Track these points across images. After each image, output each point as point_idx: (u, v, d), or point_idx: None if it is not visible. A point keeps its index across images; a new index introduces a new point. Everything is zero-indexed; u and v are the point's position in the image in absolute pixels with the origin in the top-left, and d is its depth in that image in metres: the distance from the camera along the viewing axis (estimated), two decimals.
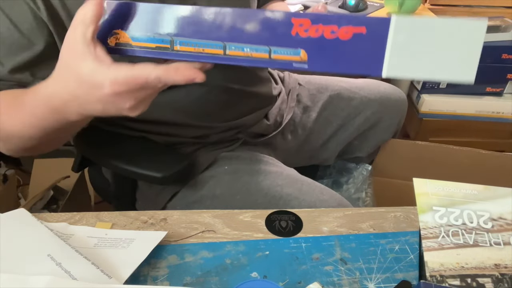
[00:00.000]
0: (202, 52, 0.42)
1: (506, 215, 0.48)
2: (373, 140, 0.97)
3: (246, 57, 0.41)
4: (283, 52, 0.41)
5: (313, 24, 0.39)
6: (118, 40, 0.44)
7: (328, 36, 0.39)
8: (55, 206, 1.13)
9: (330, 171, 1.03)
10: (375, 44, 0.39)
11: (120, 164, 0.66)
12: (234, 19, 0.41)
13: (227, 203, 0.66)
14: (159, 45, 0.43)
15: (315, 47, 0.40)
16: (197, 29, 0.42)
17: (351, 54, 0.39)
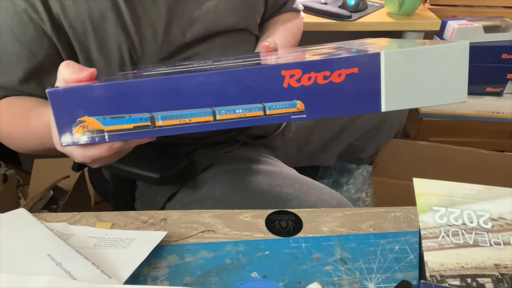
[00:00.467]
0: (189, 122, 0.40)
1: (506, 215, 0.48)
2: (374, 142, 0.97)
3: (239, 119, 0.39)
4: (279, 106, 0.39)
5: (304, 73, 0.38)
6: (86, 128, 0.40)
7: (321, 82, 0.38)
8: (55, 206, 1.13)
9: (330, 172, 1.03)
10: (369, 81, 0.38)
11: (118, 165, 0.66)
12: (219, 82, 0.39)
13: (226, 203, 0.66)
14: (137, 124, 0.40)
15: (310, 95, 0.39)
16: (178, 99, 0.39)
17: (347, 95, 0.39)
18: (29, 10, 0.53)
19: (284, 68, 0.38)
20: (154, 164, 0.65)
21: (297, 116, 0.39)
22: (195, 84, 0.39)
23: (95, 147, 0.41)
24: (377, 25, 1.27)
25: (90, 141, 0.40)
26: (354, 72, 0.38)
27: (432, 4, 1.41)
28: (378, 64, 0.38)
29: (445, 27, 1.34)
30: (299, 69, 0.38)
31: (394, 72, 0.38)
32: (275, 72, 0.38)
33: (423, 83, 0.38)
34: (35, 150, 0.59)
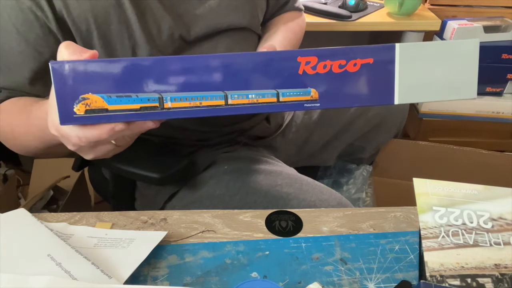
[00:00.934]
0: (199, 106, 0.38)
1: (506, 215, 0.48)
2: (374, 142, 0.97)
3: (251, 105, 0.39)
4: (293, 93, 0.39)
5: (320, 61, 0.38)
6: (89, 106, 0.37)
7: (336, 71, 0.38)
8: (55, 206, 1.13)
9: (330, 172, 1.03)
10: (383, 72, 0.39)
11: (118, 164, 0.66)
12: (233, 64, 0.38)
13: (226, 203, 0.66)
14: (145, 105, 0.38)
15: (325, 84, 0.39)
16: (189, 81, 0.38)
17: (361, 85, 0.39)
18: (34, 8, 0.53)
19: (300, 55, 0.38)
20: (154, 164, 0.65)
21: (311, 104, 0.39)
22: (208, 65, 0.38)
23: (95, 127, 0.39)
24: (377, 25, 1.27)
25: (92, 121, 0.38)
26: (369, 63, 0.38)
27: (432, 4, 1.41)
28: (393, 55, 0.38)
29: (445, 27, 1.34)
30: (315, 56, 0.38)
31: (408, 65, 0.39)
32: (291, 58, 0.38)
33: (435, 77, 0.39)
34: (35, 147, 0.57)
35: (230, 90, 0.38)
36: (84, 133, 0.39)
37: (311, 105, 0.39)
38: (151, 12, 0.58)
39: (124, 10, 0.56)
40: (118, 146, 0.44)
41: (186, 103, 0.38)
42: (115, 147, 0.44)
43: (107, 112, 0.38)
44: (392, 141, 1.02)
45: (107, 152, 0.44)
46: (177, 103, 0.38)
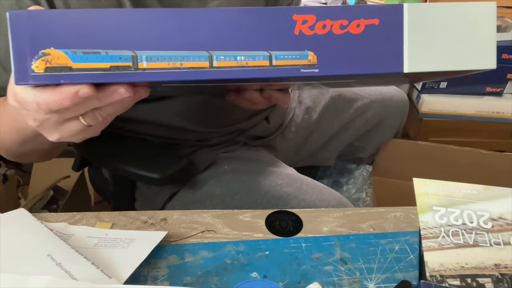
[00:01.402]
0: (179, 67, 0.33)
1: (506, 215, 0.48)
2: (374, 141, 0.97)
3: (240, 68, 0.34)
4: (288, 56, 0.34)
5: (319, 20, 0.34)
6: (50, 63, 0.32)
7: (337, 32, 0.34)
8: (55, 206, 1.13)
9: (330, 172, 1.03)
10: (391, 35, 0.35)
11: (117, 164, 0.66)
12: (219, 20, 0.33)
13: (226, 203, 0.66)
14: (115, 63, 0.33)
15: (324, 46, 0.34)
16: (168, 38, 0.33)
17: (366, 50, 0.35)
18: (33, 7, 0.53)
19: (296, 12, 0.34)
20: (154, 164, 0.65)
21: (308, 70, 0.35)
22: (190, 21, 0.33)
23: (55, 90, 0.33)
24: None
25: (52, 80, 0.33)
26: (374, 24, 0.34)
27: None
28: (401, 16, 0.34)
29: None
30: (313, 14, 0.34)
31: (418, 27, 0.35)
32: (285, 15, 0.33)
33: (449, 43, 0.35)
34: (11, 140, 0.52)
35: (216, 49, 0.33)
36: (43, 97, 0.34)
37: (308, 70, 0.35)
38: None
39: None
40: (89, 126, 0.38)
41: (165, 63, 0.33)
42: (85, 126, 0.38)
43: (70, 71, 0.32)
44: (392, 141, 1.02)
45: (75, 132, 0.38)
46: (154, 63, 0.33)
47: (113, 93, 0.35)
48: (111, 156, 0.67)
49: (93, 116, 0.38)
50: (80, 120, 0.37)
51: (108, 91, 0.35)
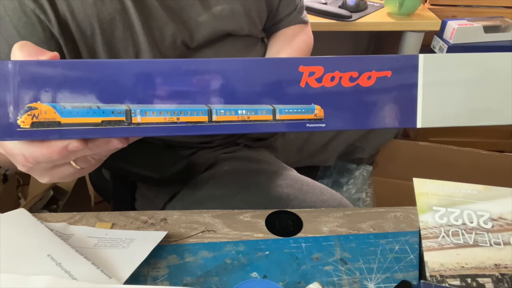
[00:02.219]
0: (176, 122, 0.31)
1: (506, 215, 0.48)
2: (374, 142, 0.97)
3: (241, 122, 0.32)
4: (292, 110, 0.32)
5: (327, 72, 0.32)
6: (37, 118, 0.30)
7: (346, 84, 0.32)
8: (55, 206, 1.13)
9: (330, 172, 1.03)
10: (404, 88, 0.32)
11: (118, 164, 0.66)
12: (218, 72, 0.31)
13: (227, 204, 0.66)
14: (107, 118, 0.31)
15: (332, 100, 0.32)
16: (163, 91, 0.31)
17: (377, 104, 0.32)
18: (37, 10, 0.52)
19: (303, 63, 0.31)
20: (154, 164, 0.65)
21: (314, 124, 0.32)
22: (186, 72, 0.31)
23: (43, 145, 0.32)
24: (377, 25, 1.27)
25: (40, 136, 0.31)
26: (387, 76, 0.32)
27: (432, 4, 1.41)
28: (416, 67, 0.32)
29: (445, 27, 1.34)
30: (320, 65, 0.32)
31: (434, 81, 0.32)
32: (291, 66, 0.31)
33: (465, 96, 0.33)
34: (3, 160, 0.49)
35: (215, 103, 0.31)
36: (30, 151, 0.33)
37: (314, 125, 0.32)
38: (154, 18, 0.58)
39: (129, 16, 0.56)
40: (81, 168, 0.37)
41: (160, 117, 0.31)
42: (77, 170, 0.37)
43: (59, 126, 0.30)
44: (392, 141, 1.02)
45: (66, 176, 0.37)
46: (149, 118, 0.31)
47: (105, 144, 0.33)
48: (111, 156, 0.67)
49: (85, 160, 0.36)
50: (71, 164, 0.36)
51: (100, 142, 0.33)
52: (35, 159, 0.33)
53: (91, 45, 0.56)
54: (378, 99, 0.32)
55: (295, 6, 0.78)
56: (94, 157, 0.37)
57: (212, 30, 0.64)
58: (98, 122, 0.31)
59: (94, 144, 0.33)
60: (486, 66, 0.33)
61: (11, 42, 0.54)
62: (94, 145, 0.33)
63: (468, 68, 0.33)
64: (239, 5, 0.66)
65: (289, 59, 0.32)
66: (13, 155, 0.34)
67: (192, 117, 0.31)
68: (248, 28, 0.68)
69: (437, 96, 0.33)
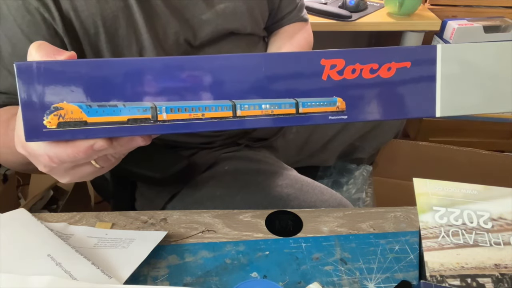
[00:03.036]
0: (201, 118, 0.31)
1: (506, 215, 0.48)
2: (374, 142, 0.97)
3: (265, 116, 0.32)
4: (315, 103, 0.33)
5: (348, 64, 0.32)
6: (63, 118, 0.30)
7: (367, 76, 0.32)
8: (55, 206, 1.13)
9: (330, 172, 1.03)
10: (423, 78, 0.33)
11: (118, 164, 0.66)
12: (242, 68, 0.31)
13: (227, 204, 0.66)
14: (133, 116, 0.31)
15: (353, 92, 0.32)
16: (188, 87, 0.31)
17: (397, 94, 0.33)
18: (41, 9, 0.52)
19: (324, 57, 0.32)
20: (155, 164, 0.65)
21: (337, 117, 0.33)
22: (211, 68, 0.31)
23: (69, 144, 0.32)
24: (377, 25, 1.27)
25: (67, 136, 0.31)
26: (406, 67, 0.33)
27: (432, 4, 1.41)
28: (434, 58, 0.33)
29: (445, 27, 1.34)
30: (342, 58, 0.32)
31: (452, 70, 0.33)
32: (313, 60, 0.32)
33: (481, 86, 0.34)
34: (14, 162, 0.51)
35: (239, 98, 0.32)
36: (55, 151, 0.33)
37: (337, 117, 0.33)
38: (157, 16, 0.58)
39: (132, 13, 0.56)
40: (101, 167, 0.37)
41: (186, 114, 0.31)
42: (96, 168, 0.37)
43: (85, 126, 0.31)
44: (392, 141, 1.02)
45: (86, 175, 0.38)
46: (174, 115, 0.31)
47: (129, 142, 0.34)
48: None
49: (106, 159, 0.37)
50: (92, 163, 0.37)
51: (124, 140, 0.33)
52: (60, 159, 0.33)
53: (94, 43, 0.56)
54: (398, 89, 0.33)
55: (296, 4, 0.78)
56: (114, 155, 0.37)
57: (215, 28, 0.64)
58: (124, 120, 0.31)
59: (118, 142, 0.33)
60: (502, 54, 0.33)
61: (14, 40, 0.53)
62: (118, 144, 0.33)
63: (484, 56, 0.33)
64: (242, 4, 0.66)
65: (311, 53, 0.32)
66: (37, 155, 0.34)
67: (217, 113, 0.32)
68: (251, 27, 0.68)
69: (455, 85, 0.33)
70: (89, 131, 0.31)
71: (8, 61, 0.55)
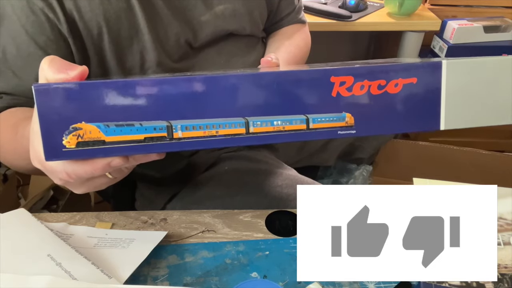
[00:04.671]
0: (215, 135, 0.33)
1: (506, 215, 0.48)
2: (374, 141, 0.97)
3: (277, 133, 0.33)
4: (325, 119, 0.34)
5: (357, 81, 0.33)
6: (82, 138, 0.32)
7: (375, 92, 0.34)
8: (55, 206, 1.13)
9: (330, 172, 1.03)
10: (429, 94, 0.34)
11: None
12: (254, 86, 0.32)
13: (227, 204, 0.66)
14: (150, 135, 0.32)
15: (362, 107, 0.34)
16: (201, 105, 0.32)
17: (403, 109, 0.34)
18: (45, 9, 0.52)
19: (334, 74, 0.33)
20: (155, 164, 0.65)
21: (346, 131, 0.34)
22: (224, 87, 0.32)
23: (87, 162, 0.34)
24: (377, 25, 1.27)
25: (86, 155, 0.32)
26: (412, 83, 0.34)
27: (432, 4, 1.41)
28: (439, 74, 0.34)
29: (445, 27, 1.34)
30: (351, 75, 0.33)
31: (456, 85, 0.34)
32: (323, 77, 0.33)
33: (485, 100, 0.35)
34: (23, 168, 0.52)
35: (251, 115, 0.33)
36: (73, 169, 0.34)
37: (346, 132, 0.34)
38: (159, 17, 0.59)
39: (135, 14, 0.56)
40: (114, 178, 0.39)
41: (200, 131, 0.33)
42: (110, 180, 0.39)
43: (103, 145, 0.32)
44: (392, 141, 1.03)
45: (100, 185, 0.40)
46: (189, 133, 0.33)
47: (144, 157, 0.35)
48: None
49: (120, 170, 0.38)
50: (106, 175, 0.38)
51: (139, 156, 0.35)
52: (78, 175, 0.34)
53: (98, 43, 0.56)
54: (404, 104, 0.34)
55: (294, 6, 0.79)
56: (128, 167, 0.38)
57: (215, 29, 0.64)
58: (141, 139, 0.32)
59: (134, 158, 0.35)
60: (503, 68, 0.34)
61: (18, 41, 0.53)
62: (134, 159, 0.35)
63: (487, 71, 0.34)
64: (241, 5, 0.66)
65: (321, 71, 0.33)
66: (55, 172, 0.35)
67: (230, 130, 0.33)
68: (250, 28, 0.69)
69: (459, 99, 0.35)
70: (107, 150, 0.32)
71: (12, 62, 0.55)
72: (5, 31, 0.53)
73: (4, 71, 0.55)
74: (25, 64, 0.55)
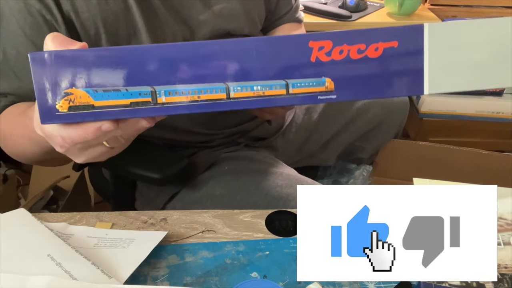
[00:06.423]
0: (197, 100, 0.34)
1: (506, 215, 0.48)
2: (374, 142, 0.97)
3: (257, 98, 0.34)
4: (304, 84, 0.34)
5: (336, 45, 0.33)
6: (73, 102, 0.34)
7: (355, 57, 0.33)
8: (55, 206, 1.13)
9: (330, 172, 1.03)
10: (411, 57, 0.34)
11: (118, 164, 0.66)
12: (234, 51, 0.34)
13: (227, 204, 0.66)
14: (135, 99, 0.34)
15: (341, 72, 0.34)
16: (185, 72, 0.34)
17: (385, 73, 0.34)
18: (43, 11, 0.52)
19: (312, 39, 0.33)
20: (155, 164, 0.65)
21: (326, 96, 0.34)
22: (206, 53, 0.33)
23: (79, 126, 0.35)
24: (377, 25, 1.27)
25: (77, 119, 0.34)
26: (393, 46, 0.33)
27: (432, 4, 1.41)
28: (421, 37, 0.33)
29: None
30: (329, 40, 0.33)
31: (438, 48, 0.34)
32: (301, 43, 0.33)
33: (469, 63, 0.34)
34: (31, 152, 0.54)
35: (232, 81, 0.34)
36: (67, 132, 0.36)
37: (326, 97, 0.34)
38: (157, 16, 0.59)
39: (132, 14, 0.56)
40: (112, 147, 0.41)
41: (182, 97, 0.34)
42: (108, 149, 0.40)
43: (93, 109, 0.34)
44: (392, 141, 1.02)
45: (100, 155, 0.41)
46: (172, 98, 0.34)
47: (134, 124, 0.36)
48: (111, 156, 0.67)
49: (116, 139, 0.39)
50: (104, 144, 0.39)
51: (130, 122, 0.36)
52: (72, 140, 0.36)
53: (95, 43, 0.56)
54: (385, 68, 0.34)
55: (292, 5, 0.79)
56: (124, 136, 0.40)
57: (213, 28, 0.64)
58: (127, 103, 0.34)
59: (124, 124, 0.36)
60: (490, 31, 0.34)
61: (17, 43, 0.53)
62: (125, 125, 0.36)
63: (472, 34, 0.34)
64: (239, 5, 0.66)
65: (299, 36, 0.34)
66: (52, 137, 0.38)
67: (211, 95, 0.34)
68: (248, 28, 0.69)
69: (443, 62, 0.34)
70: (97, 114, 0.34)
71: (13, 64, 0.55)
72: (5, 33, 0.53)
73: (6, 72, 0.55)
74: (25, 65, 0.55)
